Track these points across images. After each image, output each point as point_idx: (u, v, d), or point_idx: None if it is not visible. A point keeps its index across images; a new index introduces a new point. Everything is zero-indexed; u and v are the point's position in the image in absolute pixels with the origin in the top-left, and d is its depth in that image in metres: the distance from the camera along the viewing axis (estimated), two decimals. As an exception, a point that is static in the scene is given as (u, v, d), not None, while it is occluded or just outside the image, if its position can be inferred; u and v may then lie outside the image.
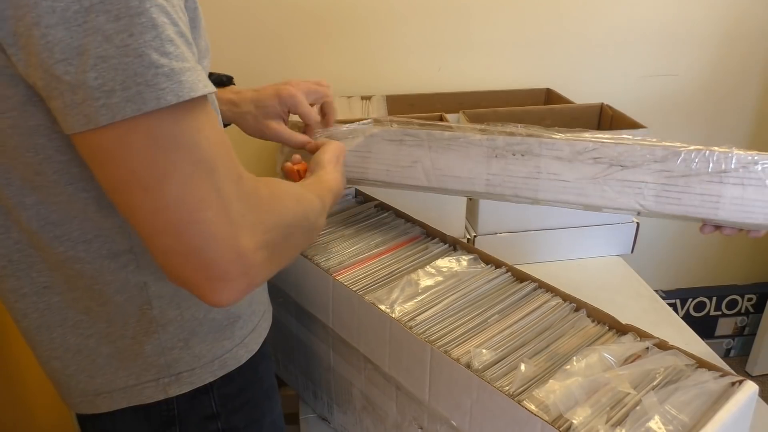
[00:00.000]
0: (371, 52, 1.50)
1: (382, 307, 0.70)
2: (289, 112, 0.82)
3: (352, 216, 0.91)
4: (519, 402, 0.56)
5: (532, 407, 0.55)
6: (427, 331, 0.67)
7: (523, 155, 0.71)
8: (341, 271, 0.78)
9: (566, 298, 0.72)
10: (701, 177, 0.63)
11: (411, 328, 0.67)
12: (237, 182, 0.47)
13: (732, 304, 1.99)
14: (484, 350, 0.63)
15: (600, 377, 0.58)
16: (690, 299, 1.96)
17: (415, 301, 0.72)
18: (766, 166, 0.61)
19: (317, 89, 0.83)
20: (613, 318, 0.68)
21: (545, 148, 0.70)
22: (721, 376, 0.59)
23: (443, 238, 0.84)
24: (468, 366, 0.61)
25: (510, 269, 0.77)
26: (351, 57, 1.50)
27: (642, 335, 0.66)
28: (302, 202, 0.60)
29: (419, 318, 0.69)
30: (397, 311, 0.70)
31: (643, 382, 0.58)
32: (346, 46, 1.48)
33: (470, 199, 1.21)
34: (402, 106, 1.49)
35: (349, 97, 1.46)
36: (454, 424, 0.64)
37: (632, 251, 1.33)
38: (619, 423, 0.53)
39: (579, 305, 0.71)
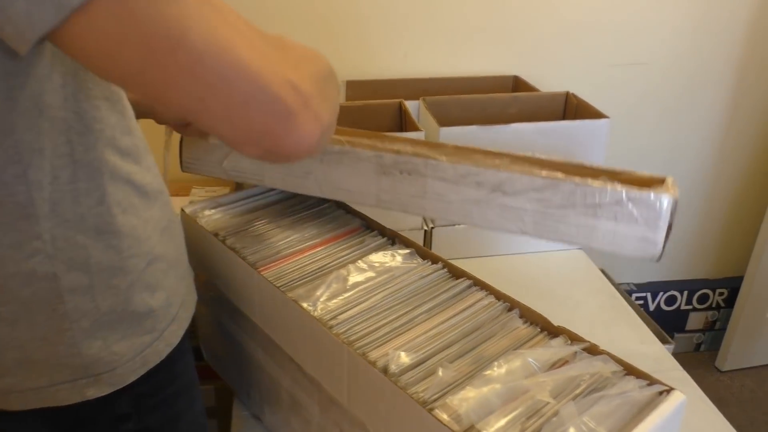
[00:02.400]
0: (334, 35, 1.45)
1: (305, 305, 0.66)
2: None
3: (292, 206, 0.87)
4: (431, 410, 0.52)
5: (444, 416, 0.52)
6: (349, 331, 0.63)
7: (410, 174, 0.70)
8: (270, 265, 0.74)
9: (500, 296, 0.68)
10: (577, 209, 0.63)
11: (331, 327, 0.63)
12: (248, 24, 0.44)
13: (703, 299, 1.97)
14: (403, 353, 0.59)
15: (520, 384, 0.55)
16: (661, 293, 1.94)
17: (341, 298, 0.68)
18: (636, 203, 0.61)
19: None
20: (545, 319, 0.64)
21: (430, 169, 0.69)
22: (648, 384, 0.56)
23: (382, 231, 0.81)
24: (384, 370, 0.58)
25: (446, 265, 0.74)
26: (312, 40, 1.45)
27: (573, 338, 0.62)
28: (309, 48, 0.55)
29: (342, 317, 0.65)
30: (320, 309, 0.66)
31: (565, 390, 0.55)
32: (307, 29, 1.43)
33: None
34: (365, 91, 1.44)
35: (309, 81, 1.42)
36: (371, 430, 0.60)
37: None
38: (533, 435, 0.50)
39: (513, 305, 0.67)
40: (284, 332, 0.70)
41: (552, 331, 0.64)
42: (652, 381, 0.56)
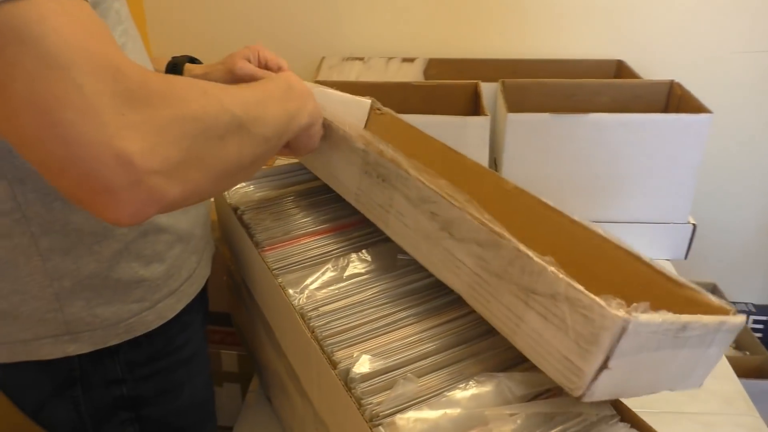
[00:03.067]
0: (419, 10, 1.38)
1: (291, 291, 0.63)
2: (258, 62, 0.76)
3: (319, 188, 0.83)
4: (375, 426, 0.47)
5: (387, 436, 0.46)
6: (326, 326, 0.58)
7: (383, 180, 0.60)
8: (276, 245, 0.71)
9: (503, 308, 0.60)
10: (511, 287, 0.47)
11: (309, 319, 0.59)
12: (113, 76, 0.39)
13: (840, 330, 1.69)
14: (370, 357, 0.54)
15: (480, 413, 0.47)
16: (785, 318, 1.69)
17: (332, 288, 0.64)
18: (573, 307, 0.42)
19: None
20: (547, 340, 0.56)
21: (399, 182, 0.58)
22: (643, 438, 0.46)
23: (403, 221, 0.75)
24: (345, 373, 0.53)
25: (458, 266, 0.66)
26: (395, 15, 1.39)
27: (572, 367, 0.53)
28: (213, 93, 0.47)
29: (325, 309, 0.61)
30: (305, 298, 0.62)
31: (533, 430, 0.47)
32: (392, 2, 1.38)
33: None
34: (448, 70, 1.37)
35: (389, 58, 1.37)
36: (332, 434, 0.56)
37: (686, 256, 1.14)
38: (476, 475, 0.43)
39: (516, 319, 0.59)
40: (275, 317, 0.68)
41: (552, 355, 0.55)
42: (649, 434, 0.46)
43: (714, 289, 1.58)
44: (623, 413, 0.49)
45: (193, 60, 0.80)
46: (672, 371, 0.45)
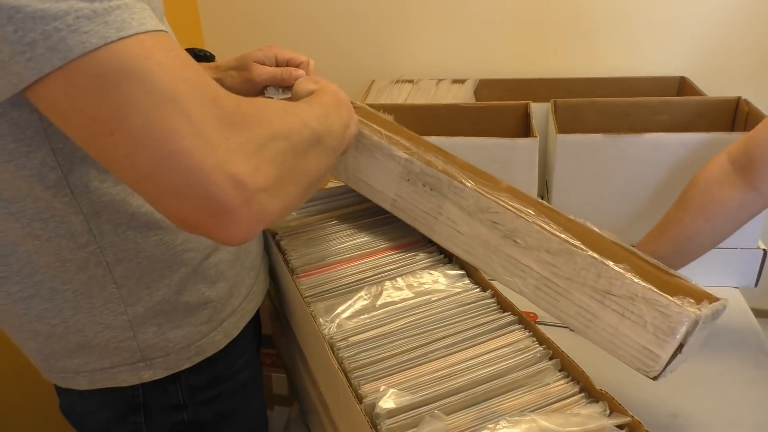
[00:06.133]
0: (471, 30, 1.37)
1: (321, 320, 0.61)
2: (275, 62, 0.76)
3: (360, 212, 0.82)
4: (397, 468, 0.45)
5: (408, 478, 0.44)
6: (354, 357, 0.57)
7: (431, 189, 0.64)
8: (311, 272, 0.70)
9: (542, 341, 0.57)
10: (585, 288, 0.56)
11: (338, 349, 0.58)
12: (212, 103, 0.42)
13: None
14: (396, 392, 0.51)
15: (510, 457, 0.44)
16: None
17: (363, 317, 0.62)
18: (650, 306, 0.53)
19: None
20: (587, 378, 0.52)
21: (452, 192, 0.63)
22: (691, 490, 0.42)
23: (441, 248, 0.72)
24: (371, 409, 0.51)
25: (496, 294, 0.64)
26: (448, 36, 1.38)
27: (614, 409, 0.49)
28: (292, 111, 0.51)
29: (354, 339, 0.59)
30: (335, 327, 0.61)
31: (570, 476, 0.43)
32: (442, 24, 1.37)
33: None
34: (499, 91, 1.34)
35: (440, 80, 1.35)
36: (360, 471, 0.54)
37: (756, 284, 1.06)
38: None
39: (555, 353, 0.56)
40: (307, 345, 0.66)
41: (592, 394, 0.51)
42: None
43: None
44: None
45: (204, 54, 0.80)
46: (696, 346, 0.55)
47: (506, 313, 0.61)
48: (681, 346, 0.53)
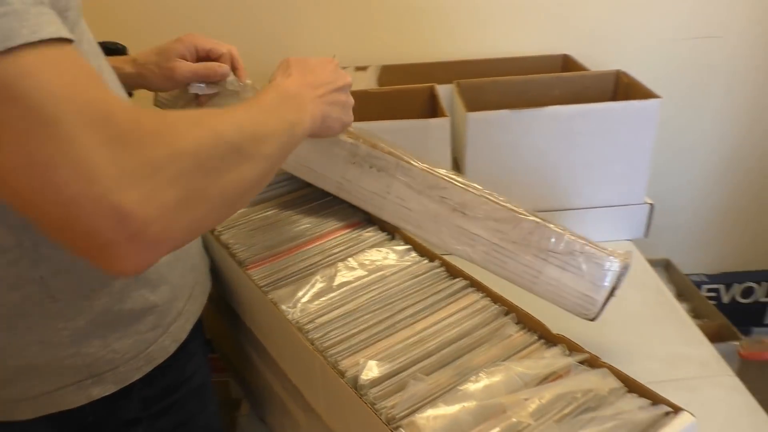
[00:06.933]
0: (370, 17, 1.40)
1: (283, 307, 0.62)
2: (196, 54, 0.74)
3: (295, 200, 0.83)
4: (395, 429, 0.47)
5: (408, 436, 0.46)
6: (324, 337, 0.58)
7: (379, 171, 0.69)
8: (260, 262, 0.70)
9: (497, 299, 0.62)
10: (530, 250, 0.65)
11: (307, 332, 0.59)
12: (104, 123, 0.38)
13: (786, 291, 1.79)
14: (376, 363, 0.54)
15: (497, 402, 0.48)
16: (736, 284, 1.77)
17: (324, 299, 0.63)
18: (588, 258, 0.64)
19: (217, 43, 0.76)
20: (543, 326, 0.57)
21: (400, 172, 0.68)
22: (652, 404, 0.48)
23: (383, 226, 0.75)
24: (354, 381, 0.53)
25: (444, 263, 0.67)
26: (346, 24, 1.40)
27: (572, 348, 0.55)
28: (206, 122, 0.45)
29: (321, 320, 0.60)
30: (299, 312, 0.62)
31: (551, 411, 0.48)
32: (340, 13, 1.39)
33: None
34: (401, 76, 1.38)
35: (343, 68, 1.37)
36: (345, 444, 0.56)
37: (646, 235, 1.19)
38: (502, 463, 0.44)
39: (509, 308, 0.60)
40: (268, 335, 0.67)
41: (550, 340, 0.57)
42: (656, 400, 0.48)
43: (668, 264, 1.64)
44: (630, 384, 0.50)
45: (115, 46, 0.77)
46: (618, 290, 0.65)
47: (457, 279, 0.65)
48: (613, 290, 0.63)
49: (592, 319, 0.64)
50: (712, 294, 1.81)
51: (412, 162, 0.66)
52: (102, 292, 0.55)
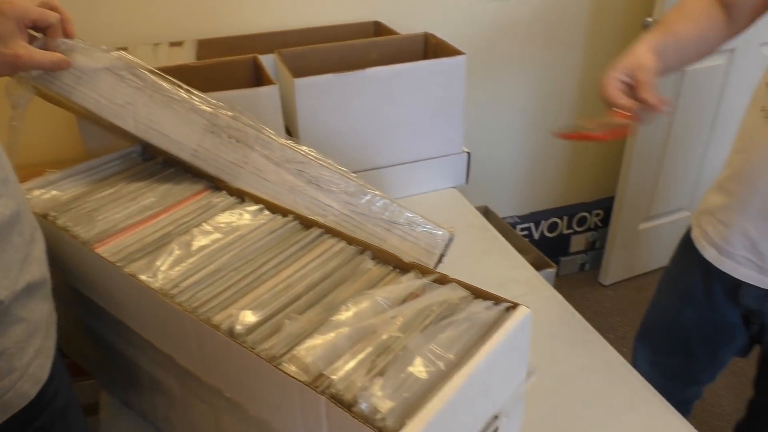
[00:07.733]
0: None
1: (143, 277, 0.61)
2: (25, 27, 0.68)
3: (130, 176, 0.80)
4: (278, 365, 0.50)
5: (292, 368, 0.50)
6: (192, 298, 0.59)
7: (237, 141, 0.73)
8: (106, 240, 0.68)
9: (351, 241, 0.67)
10: (376, 220, 0.75)
11: (173, 297, 0.59)
12: None
13: (582, 221, 2.08)
14: (248, 311, 0.56)
15: (368, 324, 0.53)
16: (543, 221, 2.02)
17: (184, 264, 0.64)
18: (423, 229, 0.78)
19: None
20: (397, 258, 0.63)
21: (259, 144, 0.74)
22: (495, 304, 0.56)
23: (230, 191, 0.76)
24: (230, 331, 0.55)
25: (297, 217, 0.71)
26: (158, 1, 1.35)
27: (424, 272, 0.62)
28: None
29: (185, 284, 0.61)
30: (161, 280, 0.61)
31: (414, 323, 0.54)
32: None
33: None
34: (219, 50, 1.36)
35: (155, 44, 1.32)
36: (228, 395, 0.57)
37: (466, 181, 1.31)
38: (381, 372, 0.49)
39: (364, 247, 0.66)
40: (129, 310, 0.65)
41: (403, 268, 0.63)
42: (498, 300, 0.57)
43: (486, 211, 1.82)
44: (475, 292, 0.58)
45: None
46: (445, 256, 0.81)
47: (312, 228, 0.69)
48: (441, 256, 0.79)
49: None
50: (525, 232, 2.05)
51: (272, 136, 0.71)
52: None
